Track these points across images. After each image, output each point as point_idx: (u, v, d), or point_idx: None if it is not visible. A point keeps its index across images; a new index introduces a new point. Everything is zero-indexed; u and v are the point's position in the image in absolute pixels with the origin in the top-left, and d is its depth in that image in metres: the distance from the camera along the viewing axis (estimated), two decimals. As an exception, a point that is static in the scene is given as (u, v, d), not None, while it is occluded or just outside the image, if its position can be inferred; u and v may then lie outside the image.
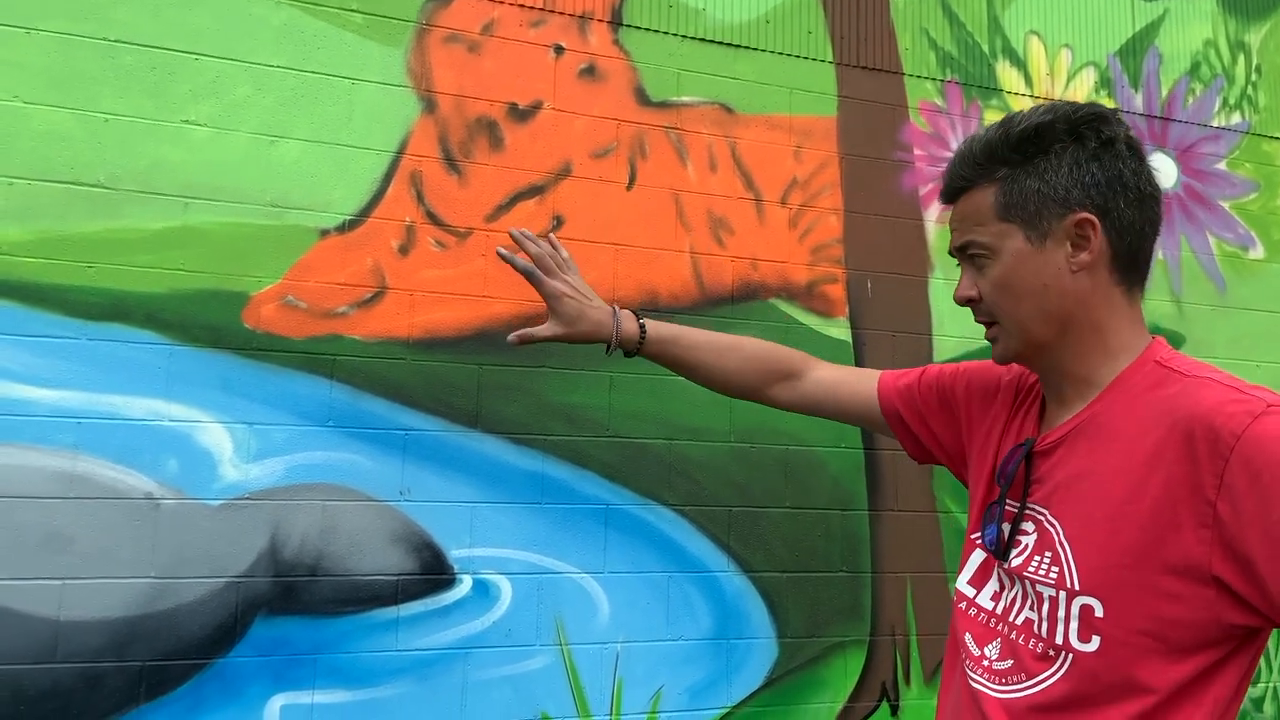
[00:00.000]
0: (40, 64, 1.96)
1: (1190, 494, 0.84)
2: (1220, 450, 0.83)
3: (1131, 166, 0.98)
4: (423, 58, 2.23)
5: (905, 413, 1.36)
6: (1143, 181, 0.98)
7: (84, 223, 1.96)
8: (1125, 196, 0.97)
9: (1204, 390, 0.89)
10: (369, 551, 2.06)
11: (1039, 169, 0.99)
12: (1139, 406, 0.94)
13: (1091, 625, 0.90)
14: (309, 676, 1.99)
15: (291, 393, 2.05)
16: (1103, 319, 0.99)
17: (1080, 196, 0.97)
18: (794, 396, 1.51)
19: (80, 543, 1.87)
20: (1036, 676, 0.93)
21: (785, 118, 2.52)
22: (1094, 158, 0.97)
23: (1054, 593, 0.93)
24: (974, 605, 1.07)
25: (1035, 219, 0.99)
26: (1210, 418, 0.85)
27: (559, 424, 2.24)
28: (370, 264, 2.14)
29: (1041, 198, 0.98)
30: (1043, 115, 0.99)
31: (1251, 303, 2.90)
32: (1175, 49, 2.95)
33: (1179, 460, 0.86)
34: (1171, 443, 0.87)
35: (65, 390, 1.90)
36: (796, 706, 2.34)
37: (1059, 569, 0.94)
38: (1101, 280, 0.99)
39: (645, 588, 2.25)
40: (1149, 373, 0.96)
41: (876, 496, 2.47)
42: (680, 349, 1.56)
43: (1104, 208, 0.97)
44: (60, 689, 1.84)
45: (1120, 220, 0.97)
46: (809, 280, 2.49)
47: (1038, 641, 0.94)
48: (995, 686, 0.98)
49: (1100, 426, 0.96)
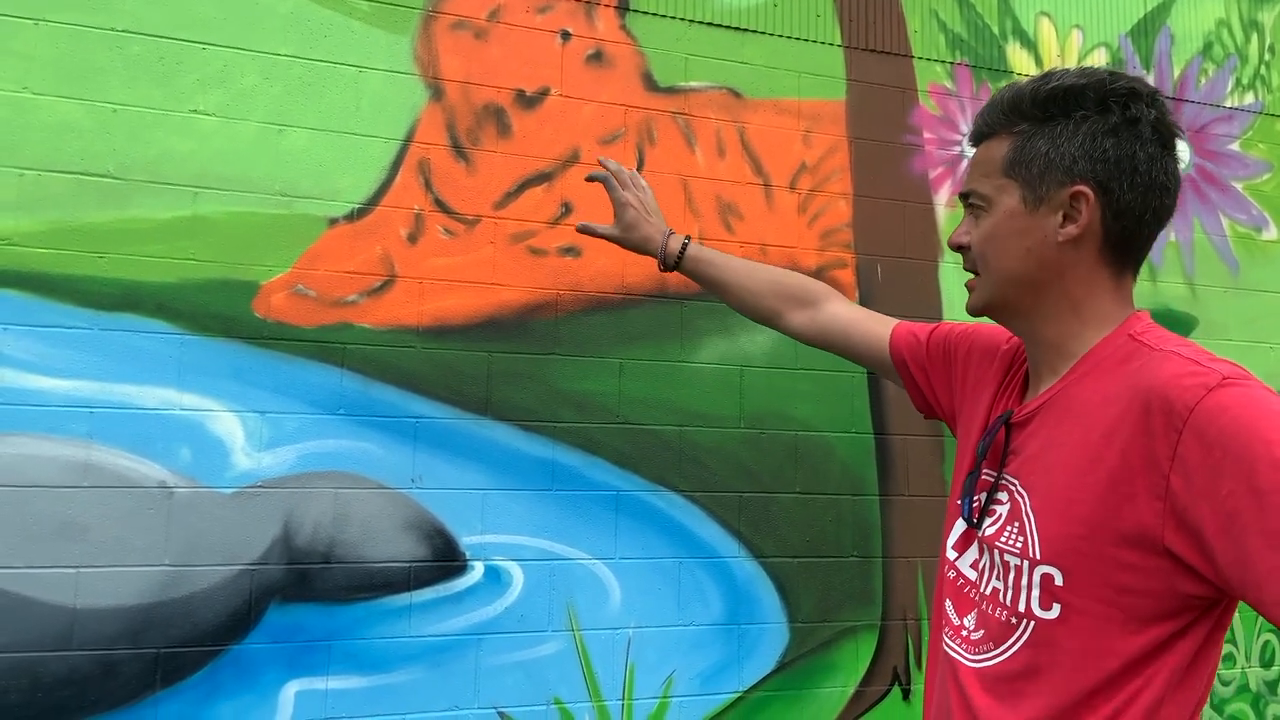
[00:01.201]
0: (49, 55, 1.97)
1: (1145, 466, 0.84)
2: (1174, 423, 0.83)
3: (1149, 151, 0.95)
4: (430, 45, 2.22)
5: (911, 363, 1.37)
6: (1157, 169, 0.95)
7: (94, 213, 1.96)
8: (1131, 179, 0.94)
9: (1164, 363, 0.88)
10: (381, 539, 2.07)
11: (1053, 132, 0.97)
12: (1105, 380, 0.93)
13: (1052, 593, 0.91)
14: (323, 662, 2.01)
15: (303, 381, 2.06)
16: (1080, 294, 0.98)
17: (1085, 169, 0.95)
18: (809, 325, 1.51)
19: (95, 531, 1.89)
20: (1003, 645, 0.95)
21: (794, 102, 2.51)
22: (1111, 133, 0.95)
23: (1019, 562, 0.95)
24: (955, 569, 1.08)
25: (1036, 181, 0.98)
26: (1166, 390, 0.84)
27: (569, 411, 2.24)
28: (379, 252, 2.14)
29: (1047, 161, 0.97)
30: (1077, 78, 0.96)
31: (1265, 284, 2.88)
32: (1187, 29, 2.92)
33: (1136, 433, 0.86)
34: (1130, 415, 0.87)
35: (78, 380, 1.91)
36: (808, 691, 2.35)
37: (1024, 539, 0.95)
38: (1086, 257, 0.97)
39: (656, 573, 2.26)
40: (1120, 345, 0.95)
41: (887, 481, 2.47)
42: (714, 268, 1.61)
43: (1105, 185, 0.95)
44: (76, 676, 1.86)
45: (1119, 202, 0.95)
46: (818, 265, 2.48)
47: (1003, 610, 0.96)
48: (970, 656, 0.99)
49: (1070, 399, 0.96)
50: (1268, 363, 2.83)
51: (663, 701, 2.23)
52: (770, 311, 1.55)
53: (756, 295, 1.56)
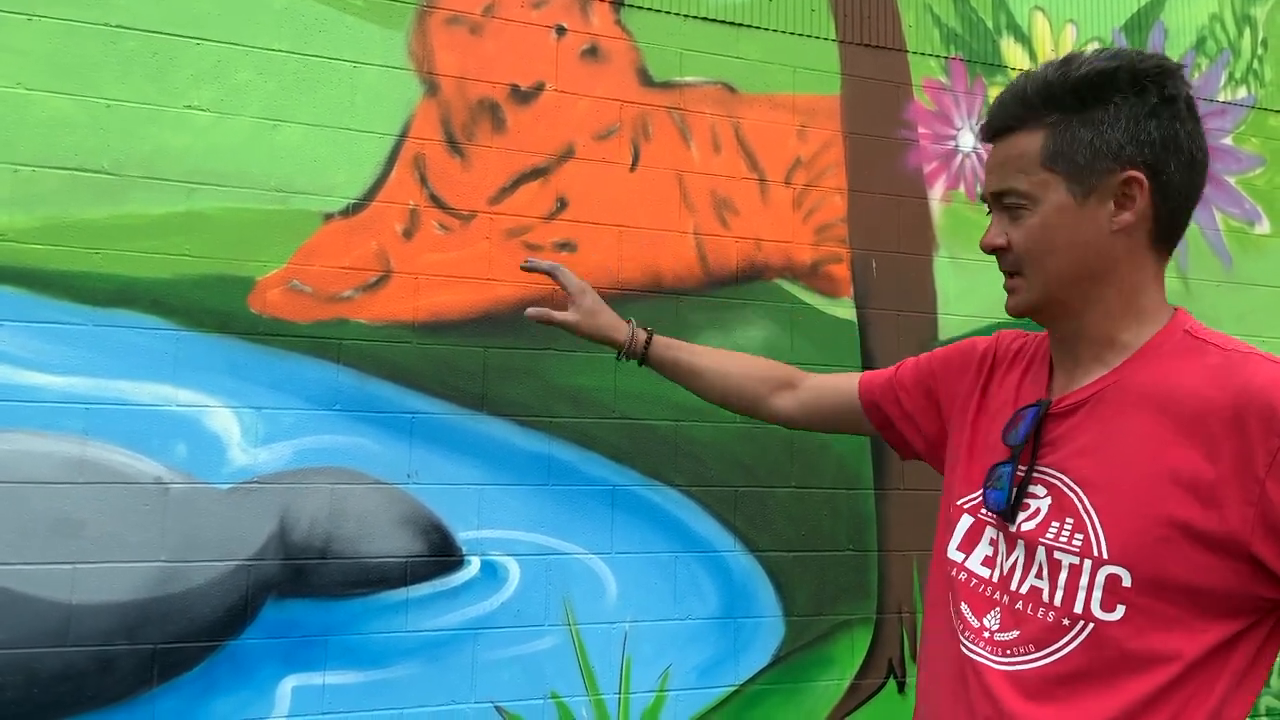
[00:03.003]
0: (42, 51, 1.96)
1: (1236, 470, 0.83)
2: (1275, 428, 0.81)
3: (1188, 128, 0.94)
4: (424, 40, 2.22)
5: (882, 401, 1.35)
6: (1196, 146, 0.94)
7: (89, 209, 1.96)
8: (1178, 158, 0.93)
9: (1254, 366, 0.86)
10: (378, 534, 2.07)
11: (1095, 119, 0.94)
12: (1174, 375, 0.90)
13: (1117, 594, 0.87)
14: (320, 658, 2.01)
15: (298, 377, 2.06)
16: (1134, 282, 0.96)
17: (1134, 153, 0.93)
18: (793, 404, 1.49)
19: (90, 527, 1.89)
20: (1049, 647, 0.91)
21: (789, 97, 2.51)
22: (1153, 114, 0.93)
23: (1077, 560, 0.90)
24: (965, 570, 1.04)
25: (1083, 172, 0.94)
26: (1266, 394, 0.83)
27: (565, 406, 2.24)
28: (375, 248, 2.14)
29: (1093, 150, 0.94)
30: (1107, 61, 0.94)
31: (1258, 278, 2.89)
32: (1181, 23, 2.93)
33: (1226, 435, 0.84)
34: (1218, 417, 0.85)
35: (73, 376, 1.91)
36: (803, 684, 2.35)
37: (1084, 536, 0.91)
38: (1139, 243, 0.95)
39: (652, 568, 2.26)
40: (1179, 342, 0.93)
41: (882, 475, 2.48)
42: (685, 353, 1.58)
43: (1155, 168, 0.93)
44: (73, 672, 1.86)
45: (1170, 183, 0.93)
46: (813, 260, 2.48)
47: (1048, 610, 0.92)
48: (998, 658, 0.95)
49: (1127, 392, 0.93)
50: (1260, 356, 2.84)
51: (659, 695, 2.24)
52: (752, 396, 1.52)
53: (735, 379, 1.53)
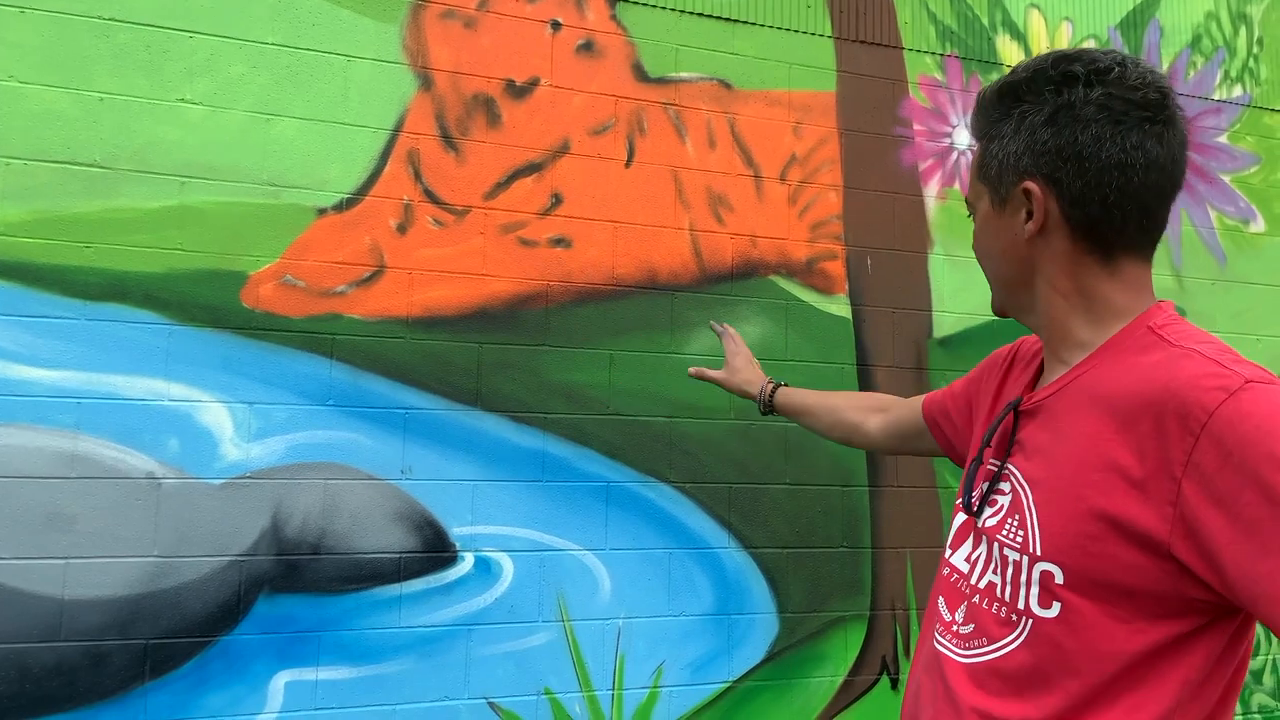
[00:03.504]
0: (35, 43, 1.95)
1: (1157, 470, 0.81)
2: (1190, 427, 0.79)
3: (1094, 131, 0.90)
4: (418, 34, 2.21)
5: (938, 416, 1.39)
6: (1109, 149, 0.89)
7: (81, 202, 1.95)
8: (1078, 165, 0.90)
9: (1183, 362, 0.84)
10: (371, 530, 2.07)
11: (1001, 131, 0.96)
12: (1121, 372, 0.89)
13: (1051, 591, 0.87)
14: (313, 653, 2.01)
15: (292, 372, 2.05)
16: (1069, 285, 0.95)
17: (1029, 164, 0.93)
18: (879, 429, 1.58)
19: (83, 522, 1.88)
20: (998, 641, 0.92)
21: (784, 93, 2.51)
22: (1049, 122, 0.92)
23: (1018, 557, 0.91)
24: (948, 565, 1.05)
25: (997, 182, 0.97)
26: (1184, 392, 0.80)
27: (559, 402, 2.24)
28: (368, 243, 2.13)
29: (1000, 163, 0.96)
30: (1019, 72, 0.95)
31: (1252, 276, 2.90)
32: (1176, 22, 2.93)
33: (1149, 434, 0.82)
34: (1144, 414, 0.83)
35: (65, 370, 1.91)
36: (797, 680, 2.36)
37: (1024, 533, 0.91)
38: (1061, 248, 0.94)
39: (646, 564, 2.26)
40: (1139, 338, 0.91)
41: (876, 472, 2.48)
42: (803, 396, 1.75)
43: (1051, 176, 0.92)
44: (65, 667, 1.85)
45: (1070, 189, 0.91)
46: (808, 257, 2.48)
47: (1000, 605, 0.93)
48: (958, 650, 0.96)
49: (1081, 390, 0.93)
50: (1254, 355, 2.82)
51: (653, 691, 2.24)
52: (850, 425, 1.63)
53: (838, 411, 1.65)
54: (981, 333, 2.58)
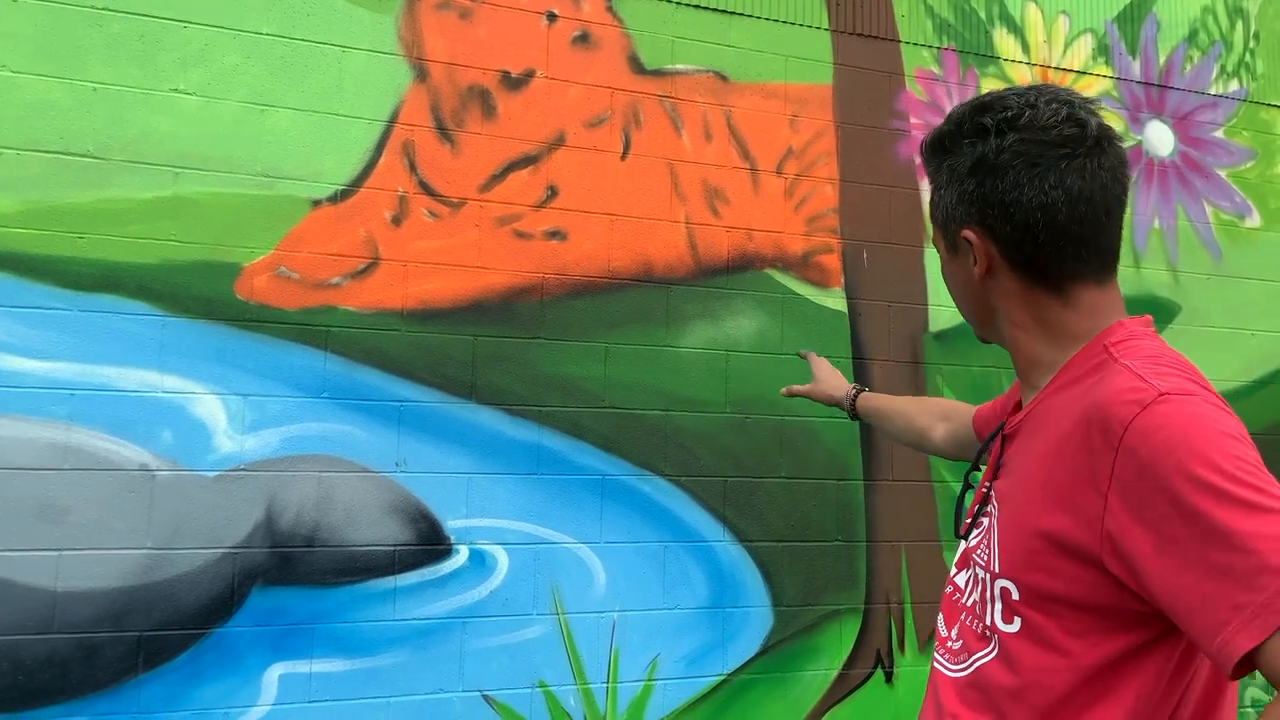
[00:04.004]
0: (28, 33, 1.94)
1: (1087, 484, 0.83)
2: (1110, 441, 0.81)
3: (1013, 177, 0.93)
4: (414, 25, 2.20)
5: (981, 428, 1.44)
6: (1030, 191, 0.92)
7: (74, 193, 1.94)
8: (1000, 210, 0.93)
9: (1112, 377, 0.86)
10: (365, 522, 2.06)
11: (938, 182, 1.01)
12: (1070, 393, 0.92)
13: (1011, 607, 0.91)
14: (307, 646, 2.00)
15: (286, 364, 2.04)
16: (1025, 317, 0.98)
17: (963, 213, 0.97)
18: (944, 434, 1.62)
19: (76, 514, 1.88)
20: (975, 655, 0.96)
21: (780, 86, 2.50)
22: (971, 173, 0.95)
23: (985, 575, 0.95)
24: (951, 583, 1.09)
25: (945, 230, 1.01)
26: (1106, 407, 0.83)
27: (555, 395, 2.23)
28: (363, 234, 2.13)
29: (941, 212, 1.01)
30: (946, 123, 0.98)
31: (1248, 271, 2.90)
32: (1173, 15, 2.93)
33: (1080, 450, 0.85)
34: (1078, 431, 0.86)
35: (58, 361, 1.90)
36: (792, 674, 2.36)
37: (988, 553, 0.95)
38: (1012, 286, 0.97)
39: (641, 557, 2.26)
40: (1093, 356, 0.93)
41: (871, 466, 2.48)
42: (882, 401, 1.77)
43: (983, 223, 0.96)
44: (58, 659, 1.85)
45: (1000, 233, 0.94)
46: (804, 250, 2.48)
47: (978, 622, 0.97)
48: (950, 666, 1.00)
49: (1043, 412, 0.96)
50: (1249, 350, 2.85)
51: (647, 684, 2.24)
52: (920, 430, 1.66)
53: (910, 416, 1.68)
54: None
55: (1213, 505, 0.74)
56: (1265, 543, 0.72)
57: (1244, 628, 0.72)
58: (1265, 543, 0.72)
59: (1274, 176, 2.97)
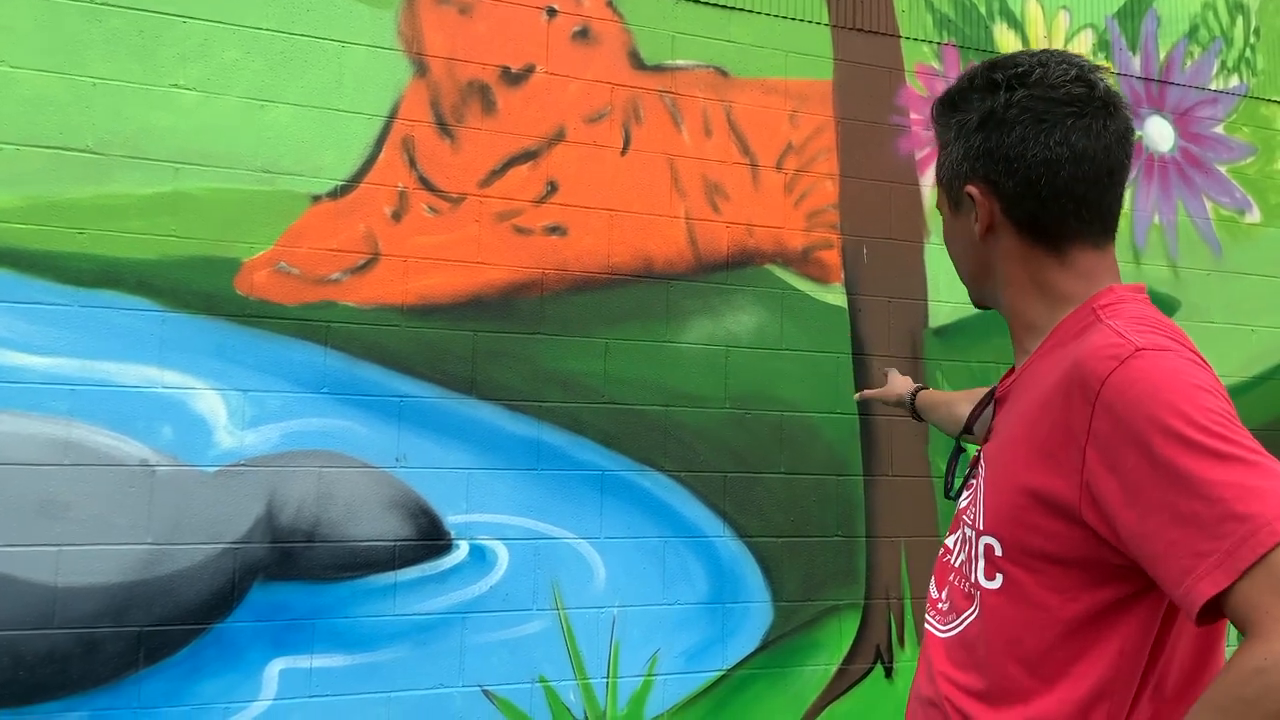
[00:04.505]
0: (27, 28, 1.94)
1: (1066, 439, 0.85)
2: (1088, 396, 0.83)
3: (1018, 133, 0.94)
4: (413, 20, 2.20)
5: None
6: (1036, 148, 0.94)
7: (73, 188, 1.94)
8: (1006, 166, 0.95)
9: (1093, 334, 0.88)
10: (366, 518, 2.06)
11: (946, 139, 1.01)
12: (1054, 355, 0.94)
13: (994, 563, 0.92)
14: (307, 641, 2.00)
15: (286, 359, 2.04)
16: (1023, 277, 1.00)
17: (969, 169, 0.98)
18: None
19: (76, 509, 1.88)
20: (961, 614, 0.98)
21: (781, 81, 2.50)
22: (979, 127, 0.97)
23: (972, 533, 0.98)
24: (944, 547, 1.11)
25: (949, 188, 1.02)
26: (1085, 362, 0.85)
27: (555, 390, 2.23)
28: (363, 230, 2.13)
29: (948, 169, 1.01)
30: (959, 80, 0.99)
31: (1248, 267, 2.90)
32: (1174, 11, 2.93)
33: (1060, 406, 0.87)
34: (1059, 389, 0.88)
35: (58, 357, 1.90)
36: (792, 669, 2.36)
37: (975, 510, 0.98)
38: (1010, 245, 0.99)
39: (641, 553, 2.26)
40: (1081, 318, 0.95)
41: (871, 462, 2.48)
42: (936, 396, 1.78)
43: (988, 179, 0.97)
44: (58, 654, 1.85)
45: (1004, 189, 0.96)
46: (804, 246, 2.48)
47: (964, 580, 0.99)
48: (939, 626, 1.03)
49: (1032, 374, 0.97)
50: (1249, 345, 2.85)
51: (647, 679, 2.24)
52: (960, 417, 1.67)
53: (953, 404, 1.68)
54: (976, 323, 2.58)
55: (1181, 454, 0.76)
56: (1230, 490, 0.74)
57: (1208, 574, 0.73)
58: (1230, 490, 0.74)
59: (1274, 172, 2.97)
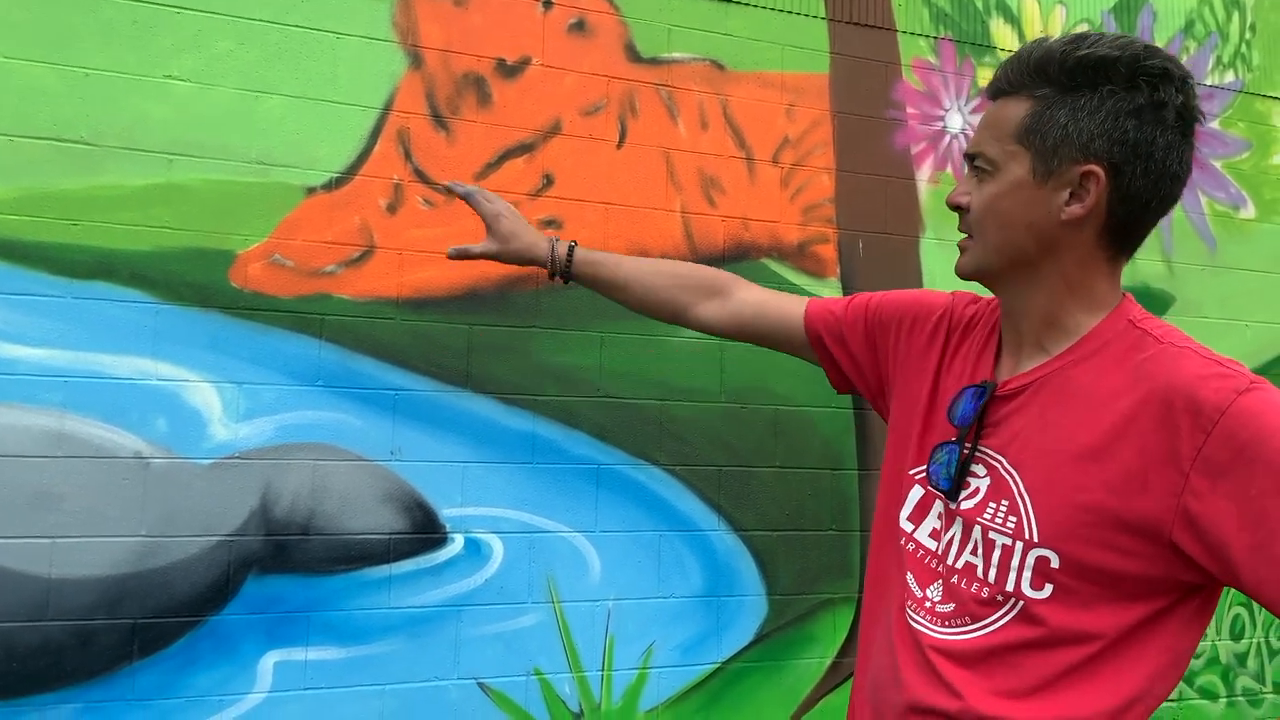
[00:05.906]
0: (19, 17, 1.93)
1: (1163, 462, 0.85)
2: (1202, 423, 0.83)
3: (1169, 138, 0.91)
4: (408, 11, 2.19)
5: (826, 337, 1.32)
6: (1173, 157, 0.91)
7: (67, 179, 1.93)
8: (1147, 164, 0.91)
9: (1184, 360, 0.88)
10: (360, 511, 2.06)
11: (1077, 103, 0.92)
12: (1113, 367, 0.92)
13: (1046, 575, 0.91)
14: (302, 634, 2.00)
15: (280, 352, 2.04)
16: (1079, 273, 0.96)
17: (1101, 148, 0.91)
18: (720, 314, 1.43)
19: (70, 501, 1.87)
20: (982, 620, 0.94)
21: (777, 75, 2.49)
22: (1135, 114, 0.91)
23: (1010, 542, 0.93)
24: (913, 541, 1.06)
25: (1049, 153, 0.93)
26: (1193, 389, 0.85)
27: (550, 384, 2.23)
28: (358, 222, 2.12)
29: (1064, 134, 0.92)
30: (1110, 48, 0.90)
31: (1242, 262, 2.90)
32: (1169, 6, 2.93)
33: (1154, 428, 0.86)
34: (1147, 410, 0.87)
35: (51, 349, 1.89)
36: (786, 662, 2.37)
37: (1017, 519, 0.93)
38: (1086, 239, 0.95)
39: (636, 546, 2.27)
40: (1123, 331, 0.94)
41: (865, 455, 2.48)
42: (608, 267, 1.49)
43: (1118, 168, 0.91)
44: (52, 646, 1.84)
45: (1129, 187, 0.92)
46: (800, 240, 2.48)
47: (982, 586, 0.95)
48: (937, 629, 0.99)
49: (1070, 380, 0.94)
50: (1244, 341, 2.86)
51: (642, 672, 2.24)
52: (678, 305, 1.46)
53: (660, 290, 1.46)
54: (972, 317, 2.57)
55: None
56: None
57: None
58: None
59: (1269, 168, 2.98)
